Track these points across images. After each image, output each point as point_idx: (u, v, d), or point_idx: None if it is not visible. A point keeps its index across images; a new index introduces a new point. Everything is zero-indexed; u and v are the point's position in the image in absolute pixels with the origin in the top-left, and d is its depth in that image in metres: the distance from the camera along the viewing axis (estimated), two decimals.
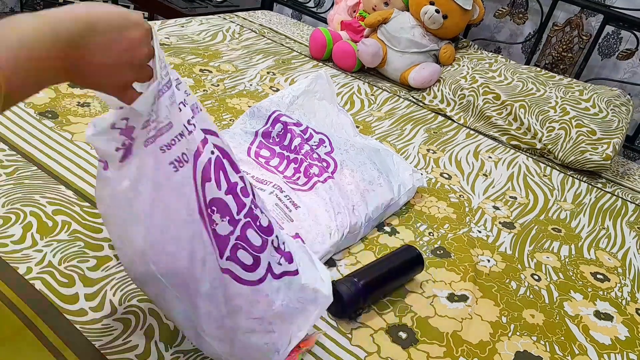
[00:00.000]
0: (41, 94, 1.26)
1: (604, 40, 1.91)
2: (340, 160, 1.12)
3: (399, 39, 1.87)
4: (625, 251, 1.25)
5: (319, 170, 1.08)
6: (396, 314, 0.89)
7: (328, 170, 1.09)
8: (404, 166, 1.20)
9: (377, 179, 1.12)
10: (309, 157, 1.10)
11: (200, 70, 1.61)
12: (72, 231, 0.88)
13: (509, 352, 0.87)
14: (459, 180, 1.38)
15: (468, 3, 1.82)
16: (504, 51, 2.11)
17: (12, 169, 0.99)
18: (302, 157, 1.11)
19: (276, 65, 1.80)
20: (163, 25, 1.88)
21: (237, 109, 1.43)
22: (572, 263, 1.16)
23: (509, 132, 1.68)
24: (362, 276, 0.87)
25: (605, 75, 1.93)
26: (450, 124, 1.71)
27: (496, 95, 1.71)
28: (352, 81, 1.84)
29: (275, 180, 1.06)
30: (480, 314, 0.94)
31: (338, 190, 1.04)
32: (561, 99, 1.69)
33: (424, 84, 1.84)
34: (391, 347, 0.83)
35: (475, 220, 1.22)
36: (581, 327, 0.97)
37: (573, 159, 1.57)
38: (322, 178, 1.06)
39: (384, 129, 1.55)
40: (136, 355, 0.70)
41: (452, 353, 0.84)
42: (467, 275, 1.02)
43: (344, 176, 1.09)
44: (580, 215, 1.36)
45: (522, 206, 1.33)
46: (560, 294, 1.05)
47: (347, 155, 1.15)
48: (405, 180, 1.17)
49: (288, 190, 1.03)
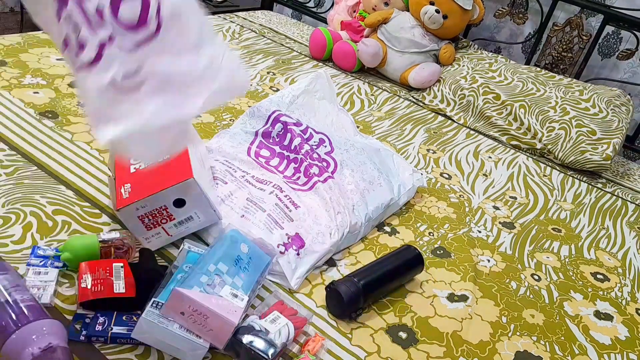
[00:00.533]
0: (41, 94, 1.26)
1: (604, 40, 1.91)
2: (340, 160, 1.12)
3: (399, 39, 1.87)
4: (625, 251, 1.25)
5: (319, 170, 1.08)
6: (396, 314, 0.89)
7: (328, 170, 1.09)
8: (404, 166, 1.20)
9: (377, 178, 1.12)
10: (309, 157, 1.10)
11: None
12: (72, 231, 0.88)
13: (509, 352, 0.87)
14: (459, 180, 1.38)
15: (468, 3, 1.82)
16: (504, 51, 2.11)
17: (12, 169, 0.99)
18: (302, 156, 1.11)
19: (276, 65, 1.80)
20: None
21: (237, 109, 1.43)
22: (572, 263, 1.16)
23: (509, 132, 1.68)
24: (362, 276, 0.87)
25: (605, 75, 1.92)
26: (450, 124, 1.71)
27: (496, 95, 1.71)
28: (352, 81, 1.84)
29: (275, 180, 1.06)
30: (480, 314, 0.94)
31: (338, 190, 1.04)
32: (561, 99, 1.69)
33: (424, 84, 1.84)
34: (391, 347, 0.83)
35: (475, 220, 1.22)
36: (581, 327, 0.97)
37: (573, 159, 1.57)
38: (322, 178, 1.06)
39: (384, 129, 1.55)
40: None
41: (452, 353, 0.84)
42: (467, 275, 1.02)
43: (344, 176, 1.09)
44: (580, 215, 1.36)
45: (522, 206, 1.33)
46: (560, 294, 1.05)
47: (347, 154, 1.15)
48: (405, 180, 1.17)
49: (288, 190, 1.03)
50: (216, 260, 0.78)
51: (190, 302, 0.70)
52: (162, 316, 0.70)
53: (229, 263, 0.79)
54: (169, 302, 0.70)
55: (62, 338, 0.66)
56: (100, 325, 0.72)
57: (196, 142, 1.00)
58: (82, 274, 0.77)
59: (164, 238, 0.88)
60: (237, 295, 0.75)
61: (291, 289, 0.89)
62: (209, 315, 0.70)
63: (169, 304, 0.70)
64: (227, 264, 0.78)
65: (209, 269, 0.76)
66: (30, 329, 0.64)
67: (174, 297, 0.70)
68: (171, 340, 0.70)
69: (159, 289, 0.75)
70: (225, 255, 0.79)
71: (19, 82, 1.29)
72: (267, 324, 0.75)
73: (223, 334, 0.72)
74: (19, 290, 0.70)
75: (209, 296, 0.72)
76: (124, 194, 0.84)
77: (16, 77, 1.31)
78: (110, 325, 0.73)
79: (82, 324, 0.73)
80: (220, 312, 0.71)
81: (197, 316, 0.70)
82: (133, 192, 0.84)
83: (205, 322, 0.71)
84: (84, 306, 0.75)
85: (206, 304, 0.70)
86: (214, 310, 0.70)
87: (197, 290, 0.72)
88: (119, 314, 0.75)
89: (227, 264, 0.78)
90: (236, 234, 0.85)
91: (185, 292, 0.70)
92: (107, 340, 0.72)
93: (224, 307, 0.72)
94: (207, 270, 0.76)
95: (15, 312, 0.66)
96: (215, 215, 0.89)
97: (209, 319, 0.71)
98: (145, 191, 0.83)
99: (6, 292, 0.69)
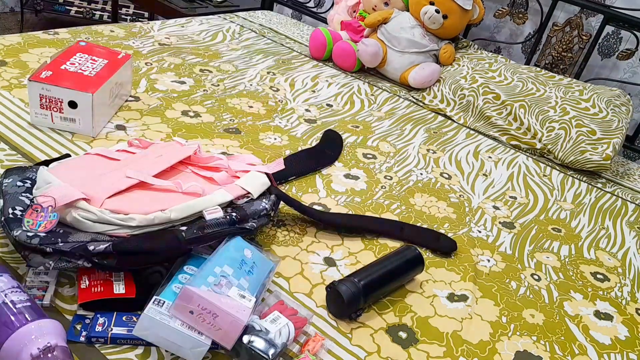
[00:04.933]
0: None
1: (604, 40, 1.91)
2: None
3: (399, 39, 1.87)
4: (625, 251, 1.25)
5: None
6: (396, 314, 0.89)
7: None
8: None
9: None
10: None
11: (200, 70, 1.61)
12: None
13: (509, 352, 0.88)
14: (459, 180, 1.38)
15: (468, 3, 1.82)
16: (504, 51, 2.12)
17: None
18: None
19: (276, 65, 1.80)
20: (163, 25, 1.88)
21: (237, 109, 1.44)
22: (572, 263, 1.16)
23: (509, 132, 1.68)
24: (362, 276, 0.87)
25: (605, 75, 1.93)
26: (450, 124, 1.71)
27: (496, 95, 1.71)
28: (352, 81, 1.84)
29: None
30: (480, 314, 0.94)
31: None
32: (561, 99, 1.69)
33: (424, 84, 1.84)
34: (391, 347, 0.83)
35: (475, 220, 1.22)
36: (581, 327, 0.97)
37: (573, 159, 1.58)
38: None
39: (384, 129, 1.55)
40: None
41: (452, 353, 0.84)
42: (467, 275, 1.02)
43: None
44: (580, 215, 1.36)
45: (522, 206, 1.34)
46: (560, 294, 1.05)
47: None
48: None
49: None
50: (221, 263, 0.78)
51: (201, 300, 0.70)
52: (164, 313, 0.70)
53: (234, 266, 0.79)
54: (179, 300, 0.70)
55: (61, 338, 0.66)
56: (100, 326, 0.72)
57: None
58: (82, 274, 0.77)
59: (48, 121, 1.14)
60: (244, 296, 0.75)
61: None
62: (219, 314, 0.70)
63: (179, 302, 0.70)
64: (232, 266, 0.78)
65: (214, 270, 0.76)
66: (28, 330, 0.64)
67: (184, 295, 0.70)
68: (173, 338, 0.70)
69: (159, 288, 0.75)
70: (230, 259, 0.80)
71: (19, 82, 1.29)
72: (268, 324, 0.75)
73: (232, 333, 0.72)
74: (17, 292, 0.70)
75: (219, 295, 0.72)
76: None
77: (16, 77, 1.31)
78: (110, 326, 0.73)
79: (82, 325, 0.73)
80: (231, 311, 0.71)
81: (207, 315, 0.70)
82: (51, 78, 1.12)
83: (214, 321, 0.71)
84: (83, 307, 0.75)
85: (217, 302, 0.71)
86: (224, 309, 0.71)
87: (205, 289, 0.72)
88: (119, 314, 0.75)
89: (232, 266, 0.78)
90: (239, 240, 0.85)
91: (196, 291, 0.70)
92: (107, 341, 0.72)
93: (233, 306, 0.72)
94: (213, 272, 0.76)
95: (14, 313, 0.66)
96: (92, 131, 1.14)
97: (218, 318, 0.71)
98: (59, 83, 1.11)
99: (3, 293, 0.69)
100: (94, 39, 1.62)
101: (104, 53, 1.27)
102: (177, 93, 1.43)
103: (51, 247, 0.73)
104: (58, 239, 0.75)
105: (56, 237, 0.75)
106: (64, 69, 1.16)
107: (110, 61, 1.24)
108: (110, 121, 1.23)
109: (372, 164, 1.34)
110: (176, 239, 0.79)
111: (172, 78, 1.51)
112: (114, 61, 1.25)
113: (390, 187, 1.26)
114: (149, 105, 1.34)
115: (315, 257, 0.98)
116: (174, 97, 1.41)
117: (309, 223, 1.06)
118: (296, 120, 1.47)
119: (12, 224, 0.76)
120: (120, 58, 1.27)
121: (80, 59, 1.21)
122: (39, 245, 0.73)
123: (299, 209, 1.02)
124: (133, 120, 1.25)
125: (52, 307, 0.75)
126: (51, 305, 0.75)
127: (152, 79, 1.47)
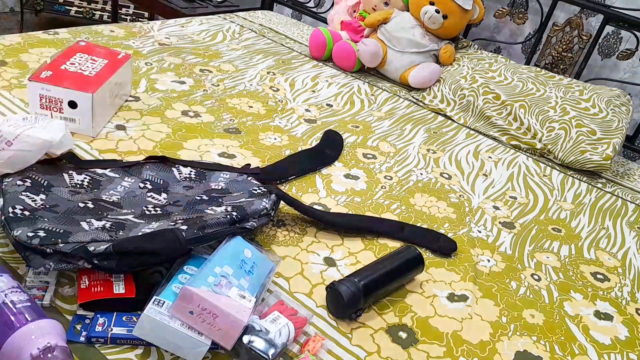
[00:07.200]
0: None
1: (604, 40, 1.91)
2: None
3: (399, 39, 1.87)
4: (625, 251, 1.25)
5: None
6: (396, 314, 0.89)
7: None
8: None
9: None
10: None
11: (200, 70, 1.61)
12: None
13: (509, 352, 0.87)
14: (459, 180, 1.38)
15: (468, 3, 1.82)
16: (504, 51, 2.11)
17: None
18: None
19: (276, 65, 1.80)
20: (163, 25, 1.88)
21: (237, 109, 1.43)
22: (572, 263, 1.16)
23: (509, 132, 1.68)
24: (362, 276, 0.87)
25: (605, 75, 1.93)
26: (450, 124, 1.71)
27: (496, 95, 1.71)
28: (352, 81, 1.84)
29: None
30: (480, 314, 0.94)
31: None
32: (561, 99, 1.69)
33: (424, 84, 1.84)
34: (391, 347, 0.83)
35: (475, 220, 1.22)
36: (581, 327, 0.97)
37: (573, 159, 1.57)
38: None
39: (384, 129, 1.55)
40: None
41: (452, 353, 0.84)
42: (467, 275, 1.02)
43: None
44: (580, 215, 1.36)
45: (522, 206, 1.33)
46: (560, 294, 1.05)
47: None
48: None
49: None
50: (221, 263, 0.78)
51: (201, 300, 0.70)
52: (164, 313, 0.70)
53: (234, 266, 0.79)
54: (178, 301, 0.70)
55: (61, 337, 0.66)
56: (100, 326, 0.72)
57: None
58: (82, 274, 0.77)
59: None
60: (244, 296, 0.75)
61: None
62: (219, 314, 0.70)
63: (178, 302, 0.70)
64: (232, 266, 0.78)
65: (214, 270, 0.76)
66: (28, 330, 0.64)
67: (183, 296, 0.70)
68: (173, 338, 0.70)
69: (159, 288, 0.75)
70: (230, 259, 0.80)
71: (19, 82, 1.29)
72: (268, 324, 0.75)
73: (232, 333, 0.72)
74: (17, 292, 0.70)
75: (219, 296, 0.72)
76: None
77: (16, 77, 1.31)
78: (110, 326, 0.73)
79: (82, 325, 0.73)
80: (231, 311, 0.71)
81: (206, 315, 0.70)
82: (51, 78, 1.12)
83: (214, 322, 0.71)
84: (83, 307, 0.75)
85: (216, 302, 0.71)
86: (224, 309, 0.71)
87: (205, 289, 0.72)
88: (119, 314, 0.75)
89: (232, 266, 0.78)
90: (239, 240, 0.85)
91: (196, 291, 0.70)
92: (107, 341, 0.71)
93: (233, 306, 0.72)
94: (213, 272, 0.76)
95: (14, 313, 0.66)
96: (92, 131, 1.14)
97: (218, 318, 0.71)
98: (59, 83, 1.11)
99: (3, 293, 0.69)
100: (93, 39, 1.62)
101: (103, 53, 1.27)
102: (177, 93, 1.43)
103: (51, 247, 0.73)
104: (58, 238, 0.75)
105: (56, 237, 0.75)
106: (64, 69, 1.16)
107: (110, 61, 1.24)
108: (110, 121, 1.23)
109: (372, 164, 1.34)
110: (176, 239, 0.79)
111: (172, 78, 1.51)
112: (114, 61, 1.25)
113: (390, 187, 1.26)
114: (149, 105, 1.34)
115: (315, 257, 0.98)
116: (174, 97, 1.41)
117: (309, 223, 1.06)
118: (296, 120, 1.47)
119: (12, 223, 0.76)
120: (120, 58, 1.27)
121: (80, 59, 1.21)
122: (39, 246, 0.73)
123: (299, 208, 1.02)
124: (133, 120, 1.25)
125: (52, 307, 0.75)
126: (51, 305, 0.75)
127: (152, 79, 1.47)
